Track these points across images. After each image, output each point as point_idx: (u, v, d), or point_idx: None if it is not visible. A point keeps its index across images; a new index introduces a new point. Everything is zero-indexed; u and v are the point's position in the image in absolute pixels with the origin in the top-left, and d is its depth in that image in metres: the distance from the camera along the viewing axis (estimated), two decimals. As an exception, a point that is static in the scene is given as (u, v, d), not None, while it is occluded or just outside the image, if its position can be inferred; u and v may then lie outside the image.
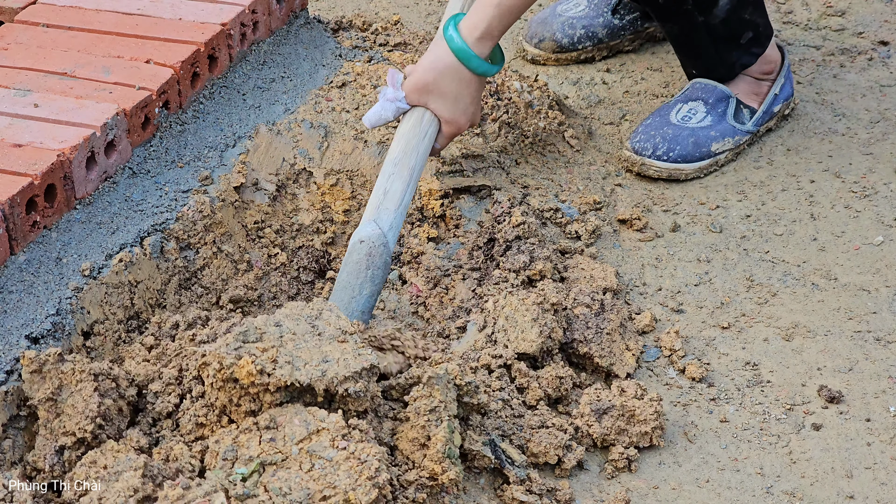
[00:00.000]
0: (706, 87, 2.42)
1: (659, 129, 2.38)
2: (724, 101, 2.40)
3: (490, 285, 2.03)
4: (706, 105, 2.40)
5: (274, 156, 2.20)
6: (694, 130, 2.37)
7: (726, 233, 2.27)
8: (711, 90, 2.41)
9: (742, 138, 2.42)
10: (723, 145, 2.39)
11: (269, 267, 2.12)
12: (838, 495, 1.77)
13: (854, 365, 1.99)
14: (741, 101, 2.42)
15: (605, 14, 2.73)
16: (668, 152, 2.36)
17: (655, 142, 2.37)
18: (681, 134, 2.37)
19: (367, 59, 2.46)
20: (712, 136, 2.38)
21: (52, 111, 2.02)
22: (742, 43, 2.39)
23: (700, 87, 2.43)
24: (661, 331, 2.06)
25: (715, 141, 2.38)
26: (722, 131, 2.39)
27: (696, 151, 2.37)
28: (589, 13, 2.73)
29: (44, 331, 1.75)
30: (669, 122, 2.39)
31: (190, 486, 1.52)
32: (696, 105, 2.41)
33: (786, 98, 2.49)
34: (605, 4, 2.72)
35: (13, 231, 1.84)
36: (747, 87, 2.44)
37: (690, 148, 2.36)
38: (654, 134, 2.38)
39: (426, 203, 2.21)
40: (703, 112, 2.40)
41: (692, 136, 2.37)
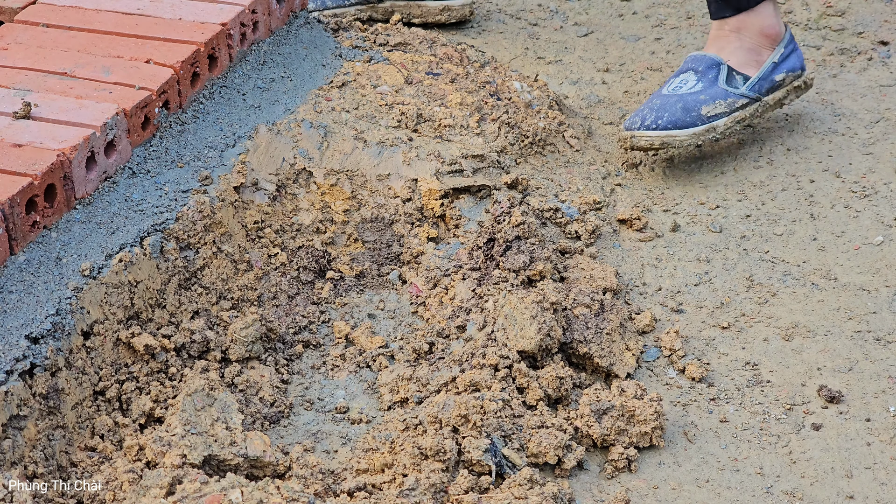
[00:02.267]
0: (696, 57, 2.38)
1: (648, 103, 2.34)
2: (715, 68, 2.35)
3: (490, 285, 2.03)
4: (696, 73, 2.35)
5: (274, 156, 2.20)
6: (682, 96, 2.32)
7: (726, 233, 2.27)
8: (701, 59, 2.37)
9: (736, 101, 2.34)
10: (714, 108, 2.31)
11: (269, 267, 2.12)
12: (838, 495, 1.77)
13: (854, 365, 1.99)
14: (734, 68, 2.37)
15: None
16: (657, 120, 2.30)
17: (643, 114, 2.32)
18: (668, 101, 2.32)
19: (367, 59, 2.46)
20: (702, 100, 2.32)
21: (52, 111, 2.02)
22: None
23: (690, 57, 2.39)
24: (661, 331, 2.06)
25: (705, 104, 2.31)
26: (712, 95, 2.33)
27: (686, 116, 2.30)
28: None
29: (44, 331, 1.75)
30: (659, 94, 2.35)
31: (207, 482, 1.53)
32: (686, 76, 2.36)
33: (791, 69, 2.41)
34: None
35: (13, 231, 1.84)
36: (744, 57, 2.38)
37: (680, 113, 2.30)
38: (643, 109, 2.34)
39: (426, 203, 2.21)
40: (693, 80, 2.34)
41: (680, 101, 2.31)
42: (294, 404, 1.92)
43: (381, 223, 2.22)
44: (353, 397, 1.94)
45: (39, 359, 1.73)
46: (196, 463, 1.67)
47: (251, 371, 1.93)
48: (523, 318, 1.91)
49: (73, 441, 1.76)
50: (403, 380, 1.92)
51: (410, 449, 1.74)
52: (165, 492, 1.61)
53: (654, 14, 2.97)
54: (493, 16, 2.95)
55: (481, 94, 2.41)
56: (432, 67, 2.49)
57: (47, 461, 1.71)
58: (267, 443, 1.74)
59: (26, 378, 1.71)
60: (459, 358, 1.90)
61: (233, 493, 1.56)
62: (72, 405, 1.77)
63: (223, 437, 1.72)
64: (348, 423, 1.90)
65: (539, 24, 2.93)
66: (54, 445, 1.73)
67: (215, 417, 1.74)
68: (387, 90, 2.39)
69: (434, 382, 1.88)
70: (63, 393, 1.75)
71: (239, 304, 2.05)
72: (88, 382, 1.80)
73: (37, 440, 1.70)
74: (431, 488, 1.69)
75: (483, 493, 1.71)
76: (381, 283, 2.16)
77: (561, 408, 1.89)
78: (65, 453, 1.74)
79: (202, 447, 1.69)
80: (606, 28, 2.91)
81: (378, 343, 2.02)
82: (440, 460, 1.73)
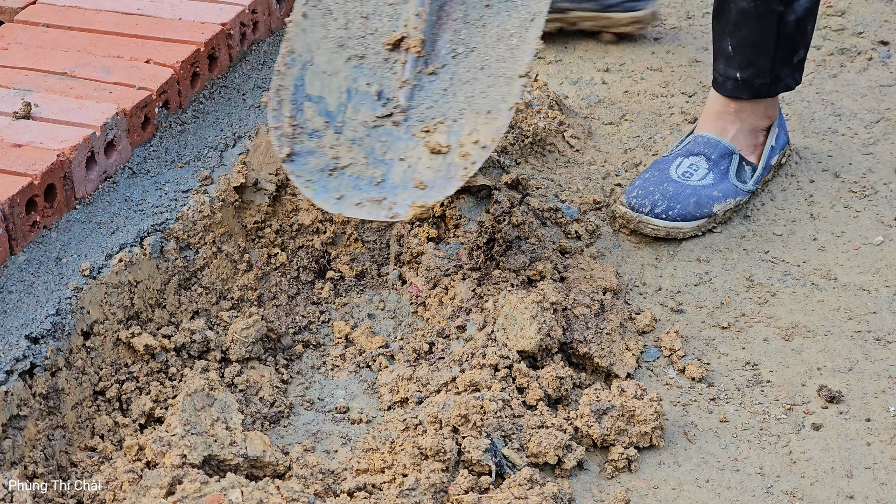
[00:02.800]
0: (709, 142, 2.28)
1: (658, 184, 2.22)
2: (727, 158, 2.27)
3: (490, 285, 2.03)
4: (708, 161, 2.26)
5: (274, 156, 2.20)
6: (696, 189, 2.23)
7: (726, 233, 2.27)
8: (714, 145, 2.27)
9: (743, 198, 2.28)
10: (724, 206, 2.25)
11: (269, 267, 2.12)
12: (838, 495, 1.77)
13: (854, 365, 1.99)
14: (743, 157, 2.29)
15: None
16: (668, 210, 2.20)
17: (654, 199, 2.20)
18: (682, 192, 2.22)
19: (367, 59, 2.46)
20: (714, 197, 2.24)
21: (52, 111, 2.02)
22: (794, 61, 2.26)
23: (702, 140, 2.29)
24: (661, 331, 2.06)
25: (717, 202, 2.24)
26: (725, 191, 2.25)
27: (696, 211, 2.22)
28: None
29: (44, 331, 1.75)
30: (670, 178, 2.23)
31: (207, 482, 1.53)
32: (697, 160, 2.26)
33: (781, 147, 2.36)
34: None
35: (13, 231, 1.84)
36: (746, 140, 2.31)
37: (692, 207, 2.21)
38: (652, 190, 2.21)
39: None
40: (704, 168, 2.25)
41: (694, 195, 2.22)
42: (294, 404, 1.92)
43: (381, 223, 2.22)
44: (353, 397, 1.94)
45: (39, 359, 1.73)
46: (196, 463, 1.67)
47: (251, 371, 1.93)
48: (523, 318, 1.91)
49: (73, 441, 1.76)
50: (403, 380, 1.92)
51: (410, 449, 1.74)
52: (165, 492, 1.61)
53: (654, 14, 2.97)
54: (493, 16, 2.95)
55: (481, 94, 2.41)
56: (432, 67, 2.48)
57: (47, 461, 1.71)
58: (267, 443, 1.74)
59: (26, 378, 1.71)
60: (459, 358, 1.90)
61: (233, 493, 1.56)
62: (72, 405, 1.77)
63: (223, 437, 1.72)
64: (348, 423, 1.90)
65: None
66: (54, 445, 1.73)
67: (215, 417, 1.74)
68: (387, 90, 2.38)
69: (434, 382, 1.88)
70: (63, 393, 1.76)
71: (239, 304, 2.05)
72: (88, 382, 1.80)
73: (37, 440, 1.70)
74: (431, 488, 1.69)
75: (483, 493, 1.71)
76: (381, 283, 2.16)
77: (561, 408, 1.89)
78: (65, 453, 1.74)
79: (202, 447, 1.69)
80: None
81: (378, 343, 2.02)
82: (440, 460, 1.73)
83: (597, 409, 1.83)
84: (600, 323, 1.97)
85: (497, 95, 1.97)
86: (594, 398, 1.85)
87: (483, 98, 1.97)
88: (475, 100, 1.98)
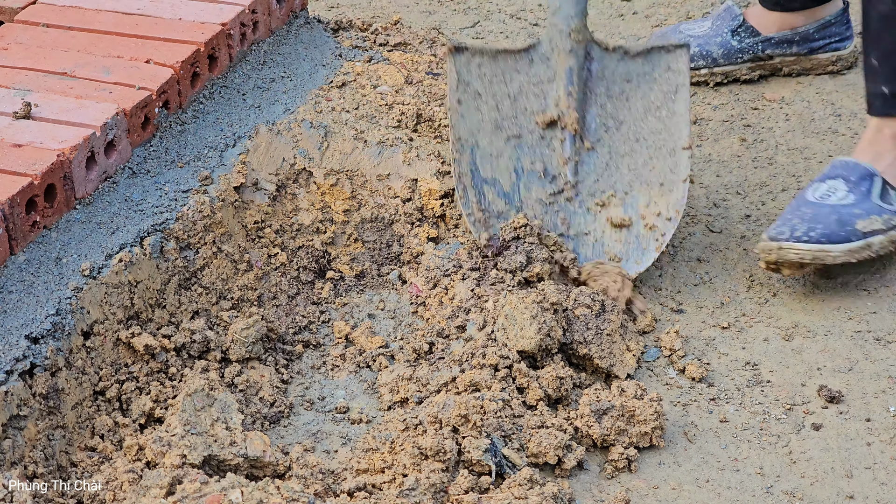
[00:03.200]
0: (847, 164, 2.14)
1: (795, 210, 2.09)
2: (868, 180, 2.11)
3: (487, 286, 2.03)
4: (847, 183, 2.11)
5: (274, 156, 2.20)
6: (835, 207, 2.08)
7: (726, 233, 2.27)
8: (853, 167, 2.13)
9: (892, 218, 2.10)
10: (870, 223, 2.07)
11: (269, 267, 2.12)
12: (838, 495, 1.77)
13: (854, 365, 1.99)
14: (889, 182, 2.13)
15: (723, 34, 2.64)
16: (809, 232, 2.04)
17: (793, 223, 2.06)
18: (821, 212, 2.07)
19: (367, 59, 2.46)
20: (856, 214, 2.07)
21: (52, 111, 2.02)
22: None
23: (840, 164, 2.15)
24: (661, 331, 2.06)
25: (860, 219, 2.07)
26: (867, 209, 2.08)
27: (840, 230, 2.05)
28: (709, 33, 2.65)
29: (43, 331, 1.75)
30: (806, 202, 2.10)
31: (207, 482, 1.53)
32: (835, 183, 2.12)
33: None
34: (728, 25, 2.64)
35: (13, 231, 1.84)
36: (893, 167, 2.15)
37: (834, 226, 2.05)
38: (790, 217, 2.08)
39: (426, 203, 2.21)
40: (843, 190, 2.10)
41: (834, 213, 2.07)
42: (294, 404, 1.92)
43: (381, 223, 2.22)
44: (353, 397, 1.94)
45: (39, 359, 1.73)
46: (196, 463, 1.67)
47: (251, 371, 1.93)
48: (523, 318, 1.91)
49: (73, 441, 1.76)
50: (403, 380, 1.92)
51: (410, 449, 1.74)
52: (165, 492, 1.61)
53: (654, 14, 2.97)
54: (494, 16, 2.95)
55: (481, 94, 2.41)
56: (432, 67, 2.49)
57: (47, 461, 1.71)
58: (267, 443, 1.74)
59: (26, 378, 1.71)
60: (459, 358, 1.90)
61: (233, 493, 1.56)
62: (72, 405, 1.77)
63: (223, 437, 1.72)
64: (348, 423, 1.90)
65: (539, 24, 2.93)
66: (54, 445, 1.73)
67: (215, 417, 1.74)
68: (387, 90, 2.39)
69: (434, 382, 1.88)
70: (63, 393, 1.75)
71: (239, 304, 2.05)
72: (88, 382, 1.80)
73: (37, 440, 1.70)
74: (431, 488, 1.69)
75: (483, 493, 1.71)
76: (381, 283, 2.16)
77: (561, 408, 1.89)
78: (65, 453, 1.74)
79: (202, 447, 1.69)
80: (606, 28, 2.91)
81: (378, 343, 2.02)
82: (440, 460, 1.73)
83: (597, 409, 1.83)
84: (601, 324, 1.97)
85: (664, 167, 2.12)
86: (594, 398, 1.85)
87: (649, 170, 2.13)
88: (640, 172, 2.13)
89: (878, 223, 2.07)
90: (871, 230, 2.06)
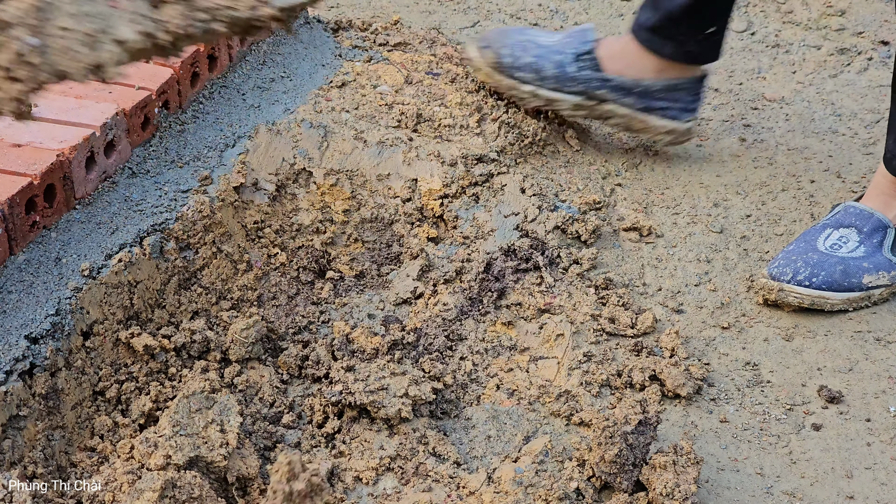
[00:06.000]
0: (861, 214, 2.11)
1: (802, 254, 2.08)
2: (881, 231, 2.10)
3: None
4: (860, 233, 2.09)
5: (274, 156, 2.20)
6: (843, 259, 2.07)
7: (726, 233, 2.27)
8: (867, 217, 2.10)
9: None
10: (877, 279, 2.07)
11: (269, 267, 2.12)
12: (838, 495, 1.77)
13: (854, 365, 1.99)
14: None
15: (566, 53, 2.33)
16: (811, 277, 2.05)
17: (797, 266, 2.06)
18: (828, 260, 2.07)
19: (367, 59, 2.46)
20: (864, 268, 2.07)
21: (52, 111, 2.02)
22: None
23: (854, 212, 2.12)
24: (661, 331, 2.05)
25: (868, 273, 2.07)
26: (876, 264, 2.08)
27: (844, 280, 2.06)
28: (552, 47, 2.34)
29: (43, 331, 1.75)
30: (815, 249, 2.09)
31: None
32: (847, 232, 2.10)
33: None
34: (574, 47, 2.34)
35: (13, 231, 1.84)
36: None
37: (838, 276, 2.05)
38: (795, 259, 2.08)
39: (426, 203, 2.21)
40: (855, 241, 2.09)
41: (841, 263, 2.06)
42: (294, 404, 1.92)
43: (381, 223, 2.22)
44: (353, 397, 1.94)
45: (39, 359, 1.73)
46: (181, 464, 1.66)
47: (251, 371, 1.93)
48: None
49: (73, 441, 1.76)
50: (403, 380, 1.92)
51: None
52: (158, 495, 1.60)
53: (654, 14, 2.96)
54: (493, 16, 2.95)
55: (481, 94, 2.41)
56: (432, 67, 2.49)
57: (47, 461, 1.70)
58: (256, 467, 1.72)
59: (26, 378, 1.71)
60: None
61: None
62: (71, 405, 1.77)
63: (214, 440, 1.71)
64: (348, 424, 1.90)
65: (539, 24, 2.93)
66: (54, 445, 1.73)
67: (210, 420, 1.73)
68: (387, 90, 2.39)
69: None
70: (63, 393, 1.75)
71: (239, 304, 2.05)
72: (88, 382, 1.80)
73: (37, 440, 1.70)
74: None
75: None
76: (381, 283, 2.16)
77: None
78: (64, 453, 1.74)
79: (188, 448, 1.68)
80: (606, 28, 2.91)
81: (377, 343, 2.02)
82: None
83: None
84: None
85: None
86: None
87: None
88: None
89: (885, 279, 2.07)
90: (877, 285, 2.07)
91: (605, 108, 2.35)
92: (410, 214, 2.21)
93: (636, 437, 1.69)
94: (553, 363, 1.95)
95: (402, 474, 1.74)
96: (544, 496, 1.67)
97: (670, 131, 2.37)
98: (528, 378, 1.92)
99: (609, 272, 2.14)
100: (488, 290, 2.05)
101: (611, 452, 1.67)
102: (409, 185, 2.23)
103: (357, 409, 1.81)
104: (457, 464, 1.76)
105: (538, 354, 1.97)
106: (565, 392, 1.88)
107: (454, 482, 1.73)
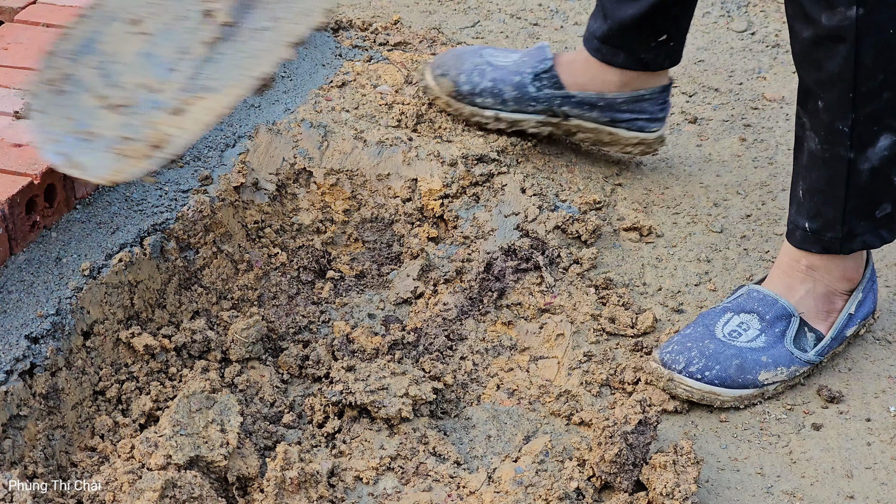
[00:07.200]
0: (764, 300, 1.94)
1: (698, 341, 1.91)
2: (785, 320, 1.92)
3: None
4: (762, 321, 1.92)
5: (274, 155, 2.20)
6: (741, 350, 1.89)
7: (726, 233, 2.27)
8: (771, 304, 1.93)
9: (799, 369, 1.92)
10: (773, 376, 1.90)
11: (269, 267, 2.12)
12: (838, 495, 1.77)
13: (854, 365, 1.99)
14: (806, 321, 1.95)
15: (524, 74, 2.27)
16: (704, 371, 1.87)
17: (691, 355, 1.88)
18: (724, 352, 1.89)
19: (367, 59, 2.46)
20: (762, 363, 1.89)
21: (52, 111, 2.02)
22: (876, 216, 1.89)
23: (757, 297, 1.95)
24: (661, 331, 2.05)
25: (765, 369, 1.89)
26: (776, 358, 1.90)
27: (738, 376, 1.88)
28: (510, 68, 2.28)
29: (43, 331, 1.75)
30: (713, 336, 1.91)
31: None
32: (749, 319, 1.93)
33: (864, 317, 1.99)
34: (532, 67, 2.27)
35: (13, 231, 1.84)
36: (816, 304, 1.96)
37: (733, 371, 1.88)
38: (690, 346, 1.90)
39: (426, 203, 2.21)
40: (756, 329, 1.92)
41: (738, 356, 1.89)
42: (294, 404, 1.92)
43: (382, 223, 2.22)
44: (353, 397, 1.94)
45: (39, 359, 1.73)
46: (181, 464, 1.66)
47: (251, 371, 1.93)
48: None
49: (73, 441, 1.76)
50: (403, 380, 1.92)
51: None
52: (158, 495, 1.60)
53: (654, 14, 2.96)
54: (494, 15, 2.95)
55: (481, 94, 2.41)
56: (432, 67, 2.48)
57: (47, 461, 1.70)
58: (256, 467, 1.72)
59: (26, 378, 1.71)
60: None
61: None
62: (72, 405, 1.77)
63: (215, 440, 1.71)
64: (348, 423, 1.90)
65: (539, 24, 2.93)
66: (54, 445, 1.73)
67: (210, 419, 1.73)
68: (386, 90, 2.39)
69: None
70: (63, 393, 1.75)
71: (239, 304, 2.05)
72: (88, 382, 1.80)
73: (37, 440, 1.70)
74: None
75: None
76: (381, 283, 2.16)
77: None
78: (65, 453, 1.74)
79: (189, 448, 1.68)
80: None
81: (378, 343, 2.02)
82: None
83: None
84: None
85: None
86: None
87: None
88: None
89: (783, 374, 1.90)
90: (773, 381, 1.90)
91: (571, 123, 2.30)
92: (410, 214, 2.21)
93: (636, 437, 1.69)
94: (553, 363, 1.95)
95: (403, 474, 1.74)
96: (544, 496, 1.67)
97: (639, 143, 2.32)
98: (528, 378, 1.93)
99: (609, 272, 2.14)
100: (488, 290, 2.05)
101: (611, 452, 1.67)
102: (409, 185, 2.23)
103: (357, 408, 1.81)
104: (457, 463, 1.76)
105: (538, 354, 1.97)
106: (565, 392, 1.88)
107: (454, 482, 1.73)
